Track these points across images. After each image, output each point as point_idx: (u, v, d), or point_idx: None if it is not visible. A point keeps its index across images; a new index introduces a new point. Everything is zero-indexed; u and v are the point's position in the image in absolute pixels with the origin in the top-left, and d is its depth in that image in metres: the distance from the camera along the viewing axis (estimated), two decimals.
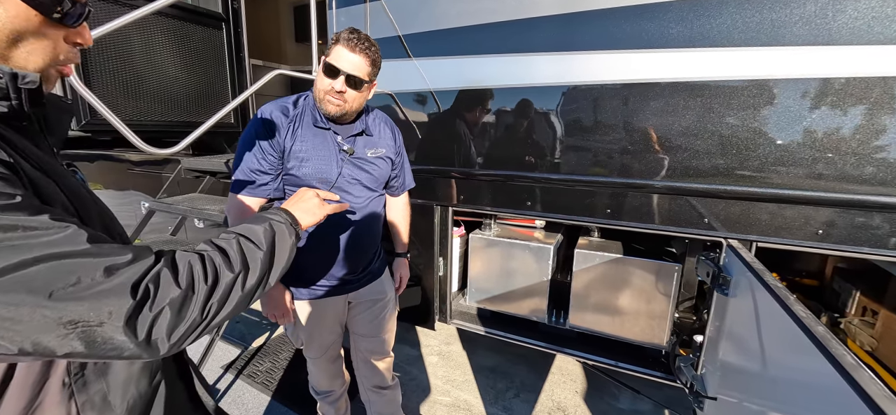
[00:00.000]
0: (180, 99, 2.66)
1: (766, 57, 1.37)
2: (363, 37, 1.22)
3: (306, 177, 1.28)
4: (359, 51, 1.20)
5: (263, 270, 0.67)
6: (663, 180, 1.60)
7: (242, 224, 0.72)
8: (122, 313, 0.48)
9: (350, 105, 1.26)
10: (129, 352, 0.50)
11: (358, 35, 1.21)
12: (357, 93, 1.24)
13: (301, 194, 0.95)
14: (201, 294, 0.56)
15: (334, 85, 1.21)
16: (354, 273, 1.45)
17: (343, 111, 1.26)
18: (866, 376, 0.64)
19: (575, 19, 1.63)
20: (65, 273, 0.46)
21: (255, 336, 2.90)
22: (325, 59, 1.23)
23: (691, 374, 1.65)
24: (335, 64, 1.20)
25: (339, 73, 1.20)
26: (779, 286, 1.01)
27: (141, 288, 0.51)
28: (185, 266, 0.56)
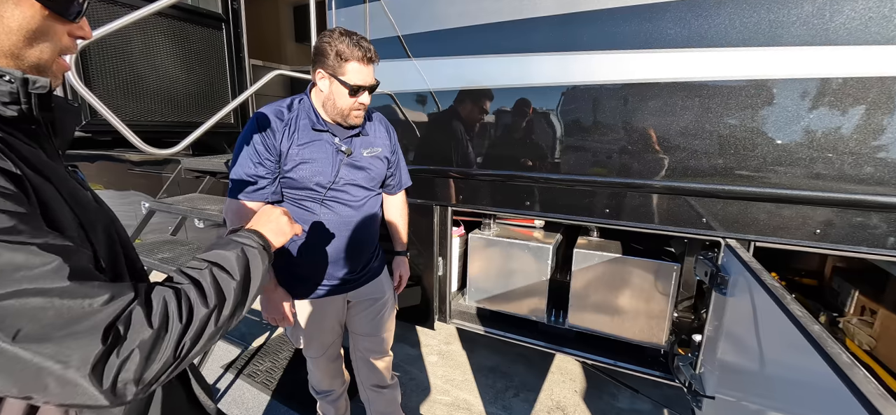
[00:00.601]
0: (180, 99, 2.67)
1: (763, 57, 1.38)
2: (365, 42, 1.23)
3: (304, 179, 1.29)
4: (368, 61, 1.24)
5: (237, 300, 0.64)
6: (661, 180, 1.60)
7: (214, 250, 0.68)
8: (90, 358, 0.46)
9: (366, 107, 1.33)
10: (92, 400, 0.47)
11: (360, 45, 1.22)
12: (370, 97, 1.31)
13: (268, 213, 0.86)
14: (174, 333, 0.53)
15: (360, 100, 1.26)
16: (353, 272, 1.46)
17: (363, 117, 1.34)
18: (861, 374, 0.65)
19: (574, 20, 1.64)
20: (35, 311, 0.44)
21: (255, 336, 2.91)
22: (340, 79, 1.23)
23: (690, 373, 1.66)
24: (359, 83, 1.23)
25: (363, 90, 1.25)
26: (776, 285, 1.01)
27: (112, 331, 0.48)
28: (160, 303, 0.54)
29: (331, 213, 1.35)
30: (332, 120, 1.32)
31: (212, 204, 2.35)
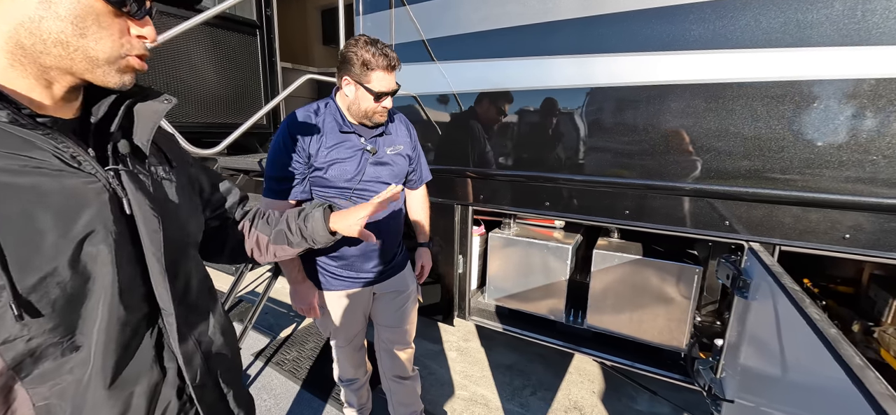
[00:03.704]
0: (217, 101, 2.83)
1: (792, 58, 1.36)
2: (388, 52, 1.31)
3: (333, 178, 1.37)
4: (392, 69, 1.33)
5: None
6: (682, 182, 1.60)
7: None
8: None
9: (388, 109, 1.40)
10: None
11: (386, 54, 1.30)
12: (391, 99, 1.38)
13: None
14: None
15: (383, 104, 1.35)
16: (379, 266, 1.53)
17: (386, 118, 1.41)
18: (872, 376, 0.65)
19: (595, 22, 1.65)
20: None
21: (282, 327, 3.05)
22: (365, 86, 1.32)
23: (710, 377, 1.64)
24: (382, 90, 1.32)
25: (386, 96, 1.33)
26: (796, 289, 1.01)
27: None
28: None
29: None
30: (358, 121, 1.40)
31: None
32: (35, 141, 0.53)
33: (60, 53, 0.53)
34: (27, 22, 0.51)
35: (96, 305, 0.57)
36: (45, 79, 0.55)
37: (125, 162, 0.63)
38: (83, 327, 0.56)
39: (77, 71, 0.56)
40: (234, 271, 2.41)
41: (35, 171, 0.52)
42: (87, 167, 0.57)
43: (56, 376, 0.55)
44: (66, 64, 0.54)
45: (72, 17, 0.52)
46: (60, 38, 0.52)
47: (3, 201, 0.49)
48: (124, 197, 0.61)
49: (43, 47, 0.52)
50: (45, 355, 0.54)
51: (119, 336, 0.59)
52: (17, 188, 0.50)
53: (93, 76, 0.57)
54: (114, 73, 0.58)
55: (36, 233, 0.51)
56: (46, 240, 0.52)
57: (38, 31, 0.51)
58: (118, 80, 0.59)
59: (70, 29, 0.52)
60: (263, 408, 2.22)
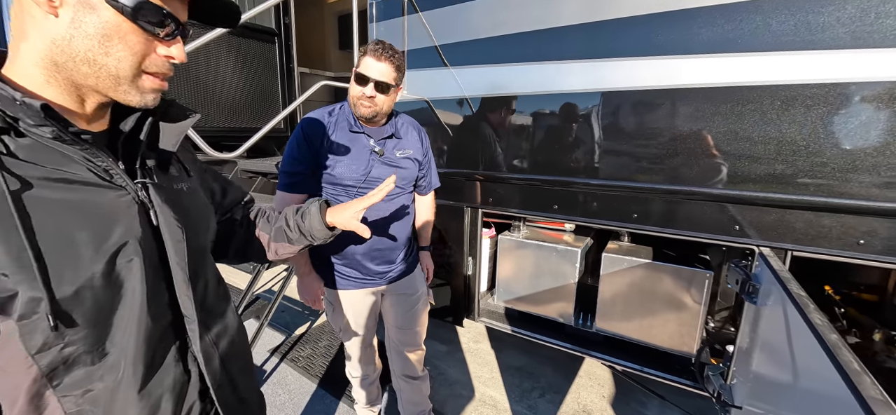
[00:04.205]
0: (237, 106, 2.94)
1: (804, 61, 1.34)
2: (387, 46, 1.35)
3: (340, 176, 1.43)
4: (384, 59, 1.34)
5: None
6: (692, 186, 1.59)
7: None
8: None
9: (380, 107, 1.39)
10: None
11: (383, 45, 1.35)
12: (385, 96, 1.38)
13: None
14: None
15: (365, 91, 1.36)
16: (389, 267, 1.58)
17: (374, 113, 1.40)
18: (868, 381, 0.66)
19: (604, 27, 1.66)
20: None
21: (297, 325, 3.13)
22: (355, 70, 1.37)
23: (719, 383, 1.63)
24: (365, 73, 1.34)
25: (369, 81, 1.35)
26: (801, 294, 1.01)
27: None
28: None
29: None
30: (358, 119, 1.45)
31: (264, 203, 2.59)
32: (72, 156, 0.56)
33: (87, 71, 0.55)
34: (59, 40, 0.53)
35: (126, 314, 0.59)
36: (78, 95, 0.58)
37: (152, 175, 0.66)
38: (114, 336, 0.59)
39: (102, 88, 0.58)
40: (252, 270, 2.50)
41: (72, 186, 0.55)
42: (119, 180, 0.60)
43: (87, 383, 0.57)
44: (92, 82, 0.57)
45: (98, 36, 0.54)
46: (87, 56, 0.54)
47: (43, 216, 0.52)
48: (151, 209, 0.63)
49: (73, 65, 0.55)
50: (78, 362, 0.56)
51: (147, 343, 0.62)
52: (56, 203, 0.53)
53: (115, 94, 0.58)
54: (135, 92, 0.59)
55: (73, 246, 0.54)
56: (82, 253, 0.55)
57: (69, 49, 0.54)
58: (139, 100, 0.60)
59: (96, 47, 0.54)
60: (278, 403, 2.30)
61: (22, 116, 0.52)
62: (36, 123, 0.53)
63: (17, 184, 0.51)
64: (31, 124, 0.53)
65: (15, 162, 0.52)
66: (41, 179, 0.53)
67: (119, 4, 0.53)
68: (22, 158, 0.52)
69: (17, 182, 0.51)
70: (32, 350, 0.53)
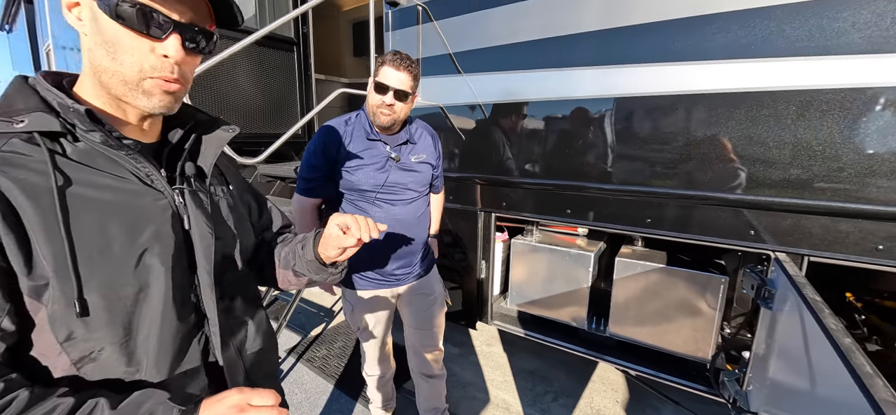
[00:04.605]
0: (257, 113, 3.04)
1: (820, 67, 1.34)
2: (404, 56, 1.41)
3: (358, 182, 1.48)
4: (403, 69, 1.39)
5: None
6: (707, 191, 1.60)
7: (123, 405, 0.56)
8: None
9: (398, 115, 1.45)
10: None
11: (400, 56, 1.40)
12: (403, 104, 1.44)
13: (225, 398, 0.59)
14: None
15: (384, 100, 1.41)
16: (406, 268, 1.62)
17: (393, 121, 1.45)
18: (880, 384, 0.67)
19: (616, 34, 1.68)
20: None
21: (313, 326, 3.20)
22: (374, 79, 1.43)
23: (735, 389, 1.62)
24: (384, 82, 1.40)
25: (388, 90, 1.40)
26: (816, 300, 1.01)
27: None
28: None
29: (382, 212, 1.52)
30: (377, 127, 1.50)
31: (283, 206, 2.67)
32: (119, 161, 0.61)
33: (109, 79, 0.59)
34: (87, 52, 0.59)
35: (149, 311, 0.62)
36: (118, 105, 0.63)
37: (189, 182, 0.70)
38: (138, 332, 0.61)
39: (120, 94, 0.61)
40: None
41: (114, 187, 0.60)
42: (158, 185, 0.64)
43: (112, 375, 0.60)
44: (115, 89, 0.60)
45: (104, 43, 0.57)
46: (103, 63, 0.58)
47: (84, 212, 0.56)
48: (185, 214, 0.67)
49: (100, 74, 0.60)
50: (103, 355, 0.59)
51: (171, 342, 0.64)
52: (97, 202, 0.58)
53: (130, 99, 0.61)
54: (142, 96, 0.60)
55: (105, 242, 0.57)
56: (114, 248, 0.58)
57: (93, 58, 0.59)
58: (148, 103, 0.61)
59: (106, 53, 0.58)
60: (296, 402, 2.35)
61: (76, 122, 0.58)
62: (87, 129, 0.58)
63: (62, 181, 0.56)
64: (83, 130, 0.58)
65: (67, 162, 0.57)
66: (87, 179, 0.58)
67: (109, 10, 0.56)
68: (75, 159, 0.58)
69: (64, 180, 0.56)
70: (61, 339, 0.57)
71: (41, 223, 0.54)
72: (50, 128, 0.57)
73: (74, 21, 0.59)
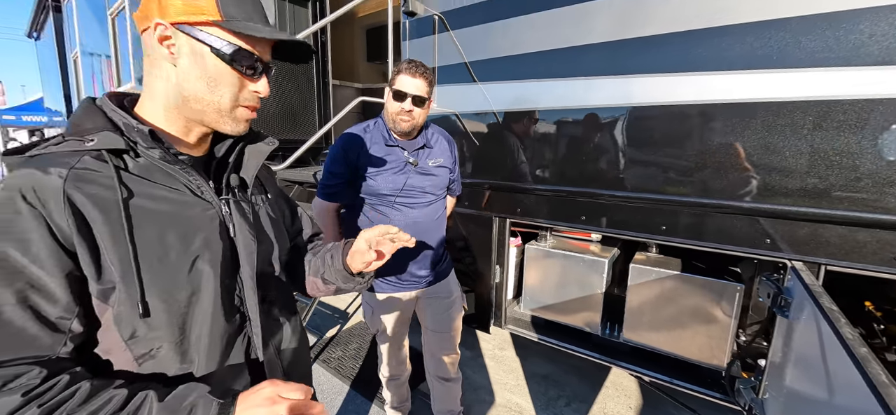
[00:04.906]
0: (277, 119, 3.13)
1: (837, 78, 1.35)
2: (419, 64, 1.47)
3: (378, 186, 1.53)
4: (419, 75, 1.45)
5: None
6: (722, 199, 1.61)
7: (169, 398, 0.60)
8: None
9: (417, 120, 1.51)
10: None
11: (415, 63, 1.46)
12: (421, 109, 1.50)
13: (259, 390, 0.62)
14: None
15: (403, 106, 1.47)
16: (423, 271, 1.66)
17: (413, 126, 1.51)
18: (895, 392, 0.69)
19: (632, 44, 1.71)
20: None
21: (328, 327, 3.26)
22: (392, 88, 1.48)
23: (751, 396, 1.63)
24: (402, 89, 1.46)
25: (406, 96, 1.46)
26: (832, 309, 1.02)
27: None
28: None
29: (401, 215, 1.57)
30: (395, 133, 1.55)
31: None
32: (174, 174, 0.68)
33: (197, 107, 0.69)
34: (176, 85, 0.67)
35: (201, 312, 0.68)
36: (186, 127, 0.71)
37: (234, 192, 0.76)
38: (191, 332, 0.67)
39: (207, 121, 0.71)
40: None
41: (170, 199, 0.66)
42: (207, 196, 0.71)
43: (168, 370, 0.66)
44: (199, 116, 0.70)
45: (206, 79, 0.67)
46: (197, 94, 0.67)
47: (145, 222, 0.63)
48: (230, 222, 0.73)
49: (186, 103, 0.68)
50: (161, 351, 0.65)
51: (219, 341, 0.70)
52: (156, 213, 0.65)
53: (217, 125, 0.71)
54: (231, 121, 0.71)
55: (164, 249, 0.64)
56: (170, 256, 0.65)
57: (183, 90, 0.67)
58: (234, 127, 0.72)
59: (204, 87, 0.67)
60: None
61: (139, 140, 0.65)
62: (148, 146, 0.65)
63: (127, 194, 0.62)
64: (144, 147, 0.65)
65: (130, 177, 0.64)
66: (147, 191, 0.65)
67: (220, 54, 0.66)
68: (136, 174, 0.65)
69: (128, 193, 0.62)
70: (125, 337, 0.63)
71: (110, 233, 0.60)
72: (115, 146, 0.63)
73: (164, 54, 0.65)
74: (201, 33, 0.65)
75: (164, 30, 0.64)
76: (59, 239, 0.56)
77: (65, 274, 0.57)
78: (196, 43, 0.65)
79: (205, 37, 0.65)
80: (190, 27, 0.64)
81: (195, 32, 0.64)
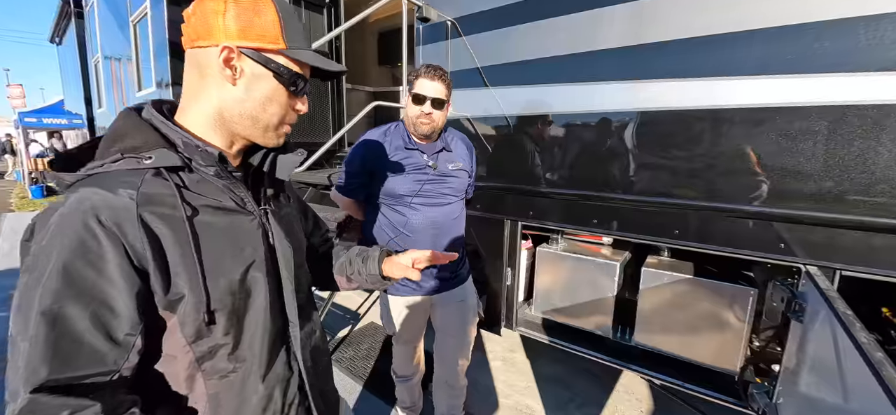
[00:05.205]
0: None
1: (851, 82, 1.36)
2: (437, 67, 1.50)
3: (397, 188, 1.57)
4: (437, 79, 1.49)
5: None
6: (736, 203, 1.61)
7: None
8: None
9: (436, 123, 1.54)
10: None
11: (433, 67, 1.50)
12: (440, 112, 1.53)
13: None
14: None
15: (423, 110, 1.50)
16: (443, 274, 1.68)
17: (432, 129, 1.55)
18: None
19: (646, 50, 1.73)
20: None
21: (339, 327, 3.30)
22: (412, 92, 1.51)
23: (765, 402, 1.62)
24: (422, 93, 1.49)
25: (426, 100, 1.49)
26: (847, 314, 1.03)
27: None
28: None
29: (419, 215, 1.59)
30: (415, 136, 1.58)
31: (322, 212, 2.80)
32: (221, 187, 0.71)
33: (247, 124, 0.72)
34: (230, 101, 0.69)
35: (254, 316, 0.72)
36: (230, 140, 0.74)
37: (270, 202, 0.80)
38: (245, 334, 0.72)
39: (253, 136, 0.74)
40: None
41: (221, 212, 0.70)
42: (250, 207, 0.75)
43: (224, 371, 0.71)
44: (248, 132, 0.73)
45: (262, 99, 0.70)
46: (252, 113, 0.71)
47: (206, 236, 0.66)
48: (270, 230, 0.77)
49: (237, 120, 0.71)
50: (219, 352, 0.69)
51: (268, 342, 0.75)
52: (213, 226, 0.68)
53: (260, 139, 0.75)
54: (274, 136, 0.76)
55: (222, 260, 0.68)
56: (227, 265, 0.68)
57: (239, 108, 0.70)
58: (275, 142, 0.77)
59: (259, 107, 0.71)
60: None
61: (195, 158, 0.68)
62: (206, 164, 0.69)
63: (190, 211, 0.66)
64: (201, 164, 0.69)
65: (188, 193, 0.67)
66: (204, 206, 0.68)
67: (281, 78, 0.70)
68: (191, 189, 0.68)
69: (191, 210, 0.66)
70: (189, 339, 0.67)
71: (179, 251, 0.63)
72: (173, 164, 0.67)
73: (226, 74, 0.67)
74: (267, 59, 0.68)
75: (229, 53, 0.66)
76: (132, 259, 0.59)
77: (134, 292, 0.60)
78: (258, 66, 0.68)
79: (269, 62, 0.69)
80: (256, 52, 0.68)
81: (261, 58, 0.68)
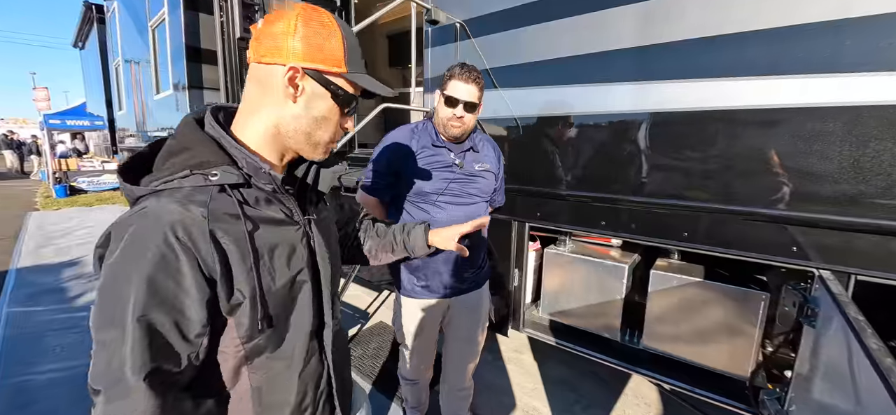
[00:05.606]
0: None
1: (866, 83, 1.33)
2: (471, 68, 1.49)
3: (424, 186, 1.56)
4: (471, 81, 1.48)
5: None
6: (747, 206, 1.59)
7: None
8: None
9: (467, 125, 1.53)
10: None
11: (467, 68, 1.49)
12: (472, 115, 1.52)
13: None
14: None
15: (455, 112, 1.49)
16: (461, 275, 1.66)
17: (463, 131, 1.54)
18: None
19: (654, 50, 1.71)
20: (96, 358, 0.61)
21: (348, 327, 3.34)
22: (444, 93, 1.51)
23: (776, 408, 1.59)
24: (454, 95, 1.48)
25: (458, 103, 1.48)
26: (858, 319, 1.01)
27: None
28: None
29: (444, 214, 1.57)
30: (444, 136, 1.58)
31: None
32: (273, 200, 0.75)
33: (301, 139, 0.76)
34: (289, 117, 0.73)
35: (298, 318, 0.78)
36: (281, 152, 0.78)
37: (312, 212, 0.84)
38: (289, 334, 0.78)
39: (303, 151, 0.78)
40: None
41: (274, 224, 0.74)
42: (296, 218, 0.79)
43: (268, 365, 0.76)
44: (300, 146, 0.77)
45: (319, 118, 0.74)
46: (307, 129, 0.75)
47: (263, 248, 0.71)
48: (312, 238, 0.82)
49: (292, 135, 0.75)
50: (265, 349, 0.75)
51: (307, 341, 0.80)
52: (270, 239, 0.73)
53: (309, 154, 0.79)
54: (322, 151, 0.80)
55: (277, 269, 0.73)
56: (280, 274, 0.74)
57: (296, 124, 0.74)
58: (322, 156, 0.81)
59: (314, 124, 0.75)
60: None
61: (255, 175, 0.72)
62: (265, 182, 0.73)
63: (251, 227, 0.70)
64: (262, 183, 0.73)
65: (248, 208, 0.72)
66: (260, 219, 0.72)
67: (339, 99, 0.75)
68: (249, 203, 0.72)
69: (252, 224, 0.71)
70: (242, 339, 0.71)
71: (242, 264, 0.68)
72: (235, 181, 0.71)
73: (289, 92, 0.71)
74: (328, 80, 0.73)
75: (295, 73, 0.70)
76: (204, 272, 0.65)
77: (205, 301, 0.65)
78: (319, 87, 0.73)
79: (329, 84, 0.73)
80: (318, 74, 0.72)
81: (322, 79, 0.72)
